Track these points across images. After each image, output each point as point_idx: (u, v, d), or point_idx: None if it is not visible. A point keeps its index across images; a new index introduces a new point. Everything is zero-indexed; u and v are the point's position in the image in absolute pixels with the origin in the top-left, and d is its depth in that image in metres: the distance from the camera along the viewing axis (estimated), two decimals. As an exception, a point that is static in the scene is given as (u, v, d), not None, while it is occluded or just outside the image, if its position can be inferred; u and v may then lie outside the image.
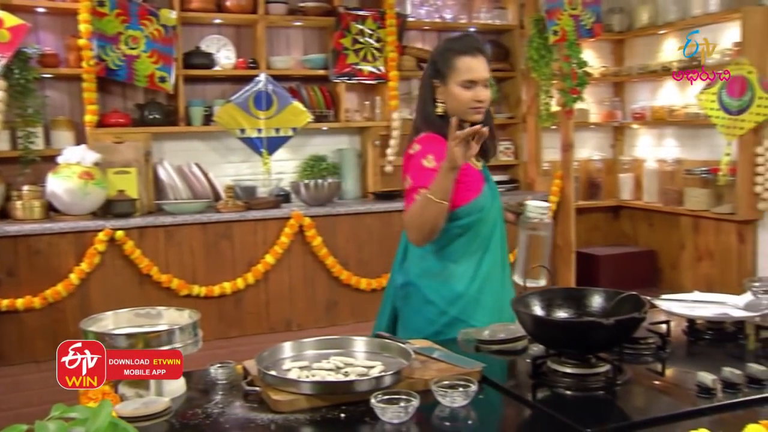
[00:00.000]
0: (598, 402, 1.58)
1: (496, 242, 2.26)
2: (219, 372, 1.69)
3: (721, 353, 1.93)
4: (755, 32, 4.63)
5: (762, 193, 4.70)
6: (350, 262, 4.50)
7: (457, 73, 2.20)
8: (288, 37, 5.00)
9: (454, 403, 1.54)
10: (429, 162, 2.15)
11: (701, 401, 1.54)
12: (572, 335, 1.62)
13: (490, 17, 5.44)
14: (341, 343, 1.79)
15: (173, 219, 4.11)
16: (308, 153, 5.00)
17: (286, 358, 1.74)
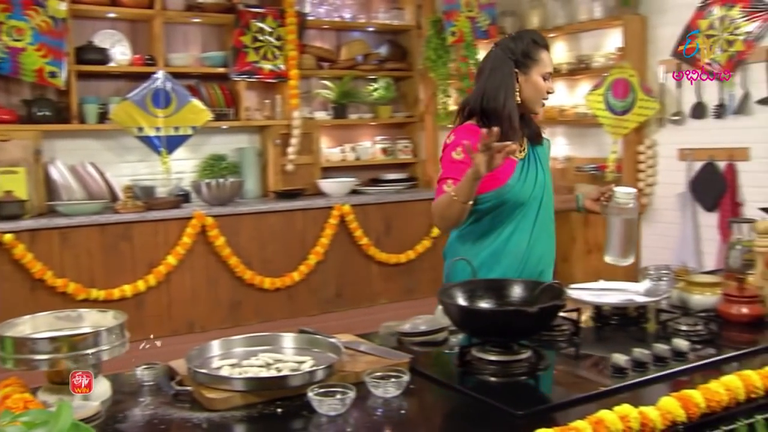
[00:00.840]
0: (524, 386, 1.65)
1: (527, 218, 2.36)
2: (146, 373, 1.64)
3: (627, 336, 2.05)
4: (635, 39, 4.93)
5: (645, 189, 5.01)
6: (253, 262, 4.46)
7: (540, 65, 2.31)
8: (186, 33, 4.88)
9: (387, 393, 1.56)
10: (458, 154, 2.24)
11: (616, 380, 1.64)
12: (499, 323, 1.68)
13: (388, 17, 5.52)
14: (269, 340, 1.78)
15: (68, 220, 3.94)
16: (208, 152, 4.90)
17: (214, 356, 1.72)
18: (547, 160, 2.49)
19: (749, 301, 2.09)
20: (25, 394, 1.43)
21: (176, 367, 1.68)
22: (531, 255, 2.39)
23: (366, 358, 1.75)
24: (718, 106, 4.46)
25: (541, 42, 2.35)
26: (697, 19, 4.50)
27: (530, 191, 2.36)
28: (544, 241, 2.44)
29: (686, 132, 4.72)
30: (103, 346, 1.46)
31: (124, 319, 1.54)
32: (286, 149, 4.92)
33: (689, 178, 4.66)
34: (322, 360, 1.68)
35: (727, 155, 4.43)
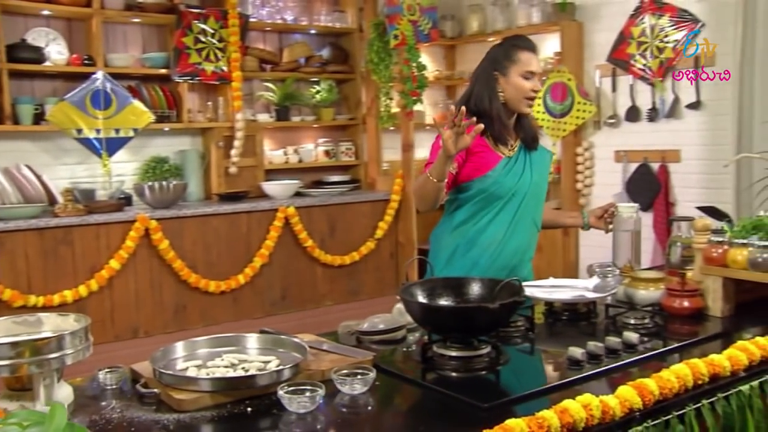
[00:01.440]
0: (486, 380, 1.70)
1: (506, 212, 2.50)
2: (108, 377, 1.63)
3: (578, 331, 2.13)
4: (572, 44, 5.10)
5: (582, 189, 5.18)
6: (198, 265, 4.41)
7: (519, 65, 2.44)
8: (125, 33, 4.79)
9: (354, 390, 1.59)
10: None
11: (573, 372, 1.71)
12: (460, 320, 1.73)
13: (330, 20, 5.54)
14: (233, 341, 1.78)
15: (4, 225, 3.81)
16: (149, 154, 4.82)
17: (178, 357, 1.71)
18: (543, 168, 2.61)
19: (690, 294, 2.19)
20: (-15, 401, 1.40)
21: (139, 369, 1.67)
22: (505, 248, 2.52)
23: (330, 356, 1.77)
24: (651, 110, 4.65)
25: (521, 44, 2.49)
26: (630, 26, 4.69)
27: (511, 187, 2.49)
28: (521, 236, 2.56)
29: (621, 134, 4.91)
30: (67, 350, 1.44)
31: (88, 322, 1.52)
32: (229, 152, 4.88)
33: (625, 179, 4.84)
34: (287, 359, 1.69)
35: (660, 157, 4.63)
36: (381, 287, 5.28)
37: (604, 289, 2.28)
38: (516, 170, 2.51)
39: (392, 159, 5.82)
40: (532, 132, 2.58)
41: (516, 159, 2.53)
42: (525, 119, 2.55)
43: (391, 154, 5.82)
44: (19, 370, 1.40)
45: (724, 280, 2.16)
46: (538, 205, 2.60)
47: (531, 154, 2.56)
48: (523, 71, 2.44)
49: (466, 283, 1.97)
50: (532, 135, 2.58)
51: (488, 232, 2.50)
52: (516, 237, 2.53)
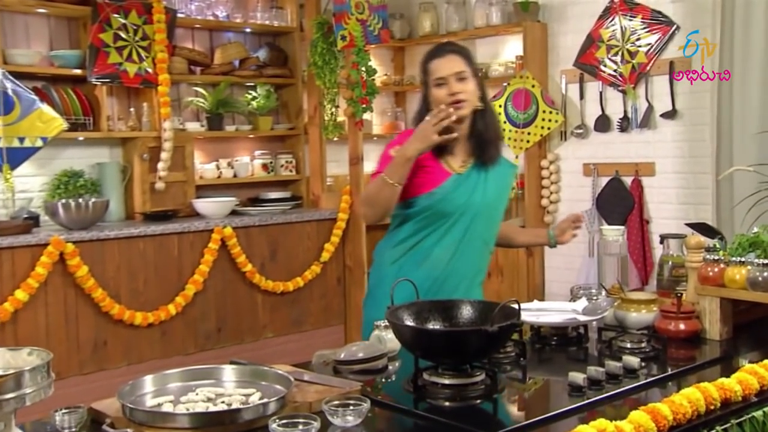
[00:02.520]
0: (484, 409, 1.80)
1: (453, 233, 2.61)
2: (66, 419, 1.64)
3: (569, 356, 2.25)
4: (535, 47, 5.31)
5: (548, 206, 5.37)
6: (122, 294, 4.38)
7: (430, 76, 2.61)
8: (28, 26, 4.73)
9: (346, 423, 1.66)
10: (395, 152, 2.56)
11: (575, 399, 1.82)
12: (455, 344, 1.82)
13: (267, 18, 5.61)
14: (208, 373, 1.83)
15: None
16: (59, 168, 4.77)
17: (147, 393, 1.75)
18: (501, 185, 2.71)
19: (686, 317, 2.35)
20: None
21: (101, 408, 1.69)
22: (453, 270, 2.63)
23: (314, 387, 1.84)
24: (623, 119, 4.88)
25: (430, 53, 2.64)
26: (599, 28, 4.93)
27: (459, 205, 2.60)
28: (469, 258, 2.67)
29: (590, 146, 5.13)
30: (26, 389, 1.45)
31: (49, 357, 1.54)
32: (154, 165, 4.87)
33: (595, 194, 5.06)
34: (269, 392, 1.75)
35: (633, 170, 4.86)
36: (327, 316, 5.34)
37: (594, 311, 2.41)
38: (466, 188, 2.61)
39: (337, 173, 5.90)
40: (489, 146, 2.65)
41: (468, 176, 2.63)
42: (481, 132, 2.62)
43: (336, 168, 5.91)
44: (-25, 411, 1.41)
45: (721, 301, 2.32)
46: (490, 225, 2.70)
47: (488, 169, 2.65)
48: (433, 81, 2.59)
49: (455, 305, 2.07)
50: (489, 150, 2.65)
51: (434, 252, 2.61)
52: (464, 258, 2.64)
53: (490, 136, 2.65)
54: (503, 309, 1.90)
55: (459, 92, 2.55)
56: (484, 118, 2.64)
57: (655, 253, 4.72)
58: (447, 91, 2.55)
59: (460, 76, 2.56)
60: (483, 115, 2.64)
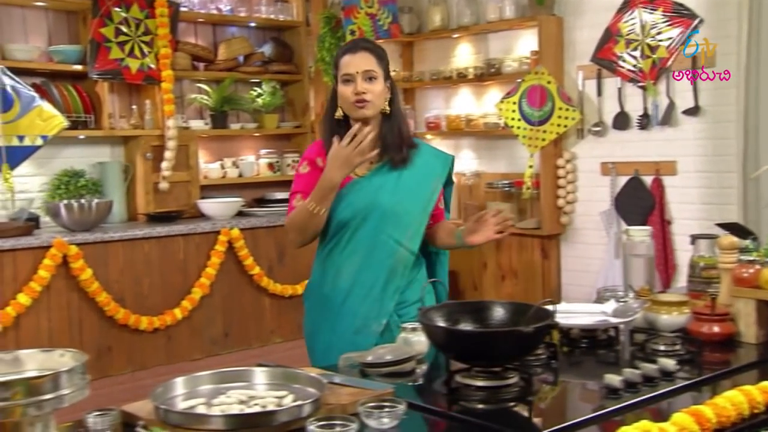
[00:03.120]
0: (520, 411, 1.84)
1: (356, 242, 2.63)
2: (98, 421, 1.68)
3: (599, 359, 2.30)
4: (551, 42, 5.35)
5: (564, 207, 5.42)
6: (126, 298, 4.42)
7: (340, 71, 2.61)
8: (25, 19, 4.78)
9: (382, 425, 1.70)
10: (303, 168, 2.67)
11: (611, 402, 1.86)
12: (490, 345, 1.87)
13: (272, 11, 5.66)
14: (239, 376, 1.87)
15: None
16: (59, 167, 4.81)
17: (178, 395, 1.79)
18: (419, 183, 2.68)
19: (720, 319, 2.39)
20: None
21: (133, 411, 1.73)
22: (360, 279, 2.64)
23: (346, 390, 1.88)
24: (642, 117, 4.92)
25: (344, 48, 2.66)
26: (618, 22, 4.97)
27: (356, 210, 2.62)
28: (380, 265, 2.64)
29: (608, 144, 5.17)
30: (64, 390, 1.49)
31: (85, 358, 1.58)
32: (158, 164, 4.92)
33: (613, 194, 5.10)
34: (301, 394, 1.79)
35: (654, 169, 4.90)
36: (335, 322, 5.37)
37: (625, 313, 2.45)
38: (367, 190, 2.62)
39: (344, 173, 5.94)
40: (393, 150, 2.63)
41: (370, 177, 2.63)
42: (385, 135, 2.62)
43: (343, 167, 5.95)
44: (12, 413, 1.44)
45: (757, 303, 2.36)
46: (404, 225, 2.65)
47: (404, 169, 2.65)
48: (341, 76, 2.59)
49: (486, 307, 2.11)
50: (392, 153, 2.63)
51: (342, 262, 2.64)
52: (373, 265, 2.63)
53: (394, 140, 2.63)
54: (538, 311, 1.95)
55: (364, 92, 2.55)
56: (390, 121, 2.64)
57: (677, 255, 4.77)
58: (353, 89, 2.56)
59: (368, 75, 2.57)
60: (389, 119, 2.64)
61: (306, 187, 2.60)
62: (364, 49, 2.61)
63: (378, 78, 2.58)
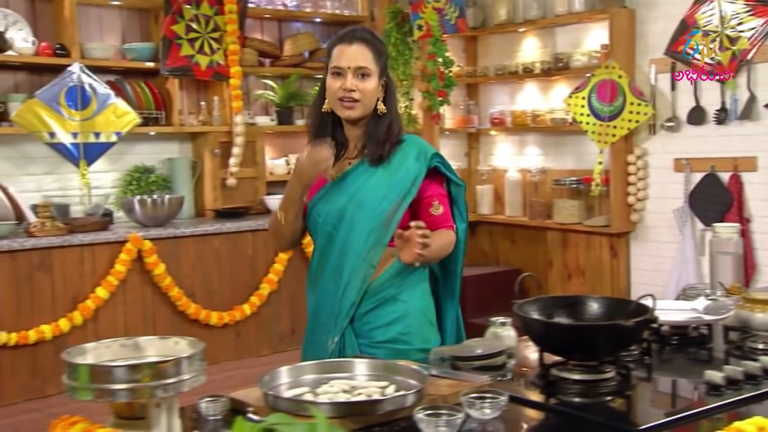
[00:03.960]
0: (618, 405, 1.88)
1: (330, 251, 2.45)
2: (211, 406, 1.77)
3: (691, 357, 2.32)
4: (622, 35, 5.34)
5: (635, 204, 5.40)
6: (197, 293, 4.54)
7: (330, 62, 2.44)
8: (101, 18, 4.93)
9: (484, 415, 1.76)
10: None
11: (712, 399, 1.89)
12: (589, 339, 1.91)
13: (337, 7, 5.74)
14: (341, 367, 1.95)
15: (-28, 247, 3.91)
16: (130, 163, 4.95)
17: (282, 384, 1.87)
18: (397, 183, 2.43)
19: (815, 317, 2.39)
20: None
21: (241, 397, 1.82)
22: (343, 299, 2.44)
23: (444, 381, 1.94)
24: (720, 111, 4.89)
25: (340, 36, 2.45)
26: (694, 13, 4.94)
27: (326, 214, 2.44)
28: (337, 284, 2.45)
29: (682, 140, 5.14)
30: (185, 375, 1.58)
31: (202, 345, 1.66)
32: (226, 160, 5.03)
33: (687, 191, 5.07)
34: (402, 385, 1.85)
35: (732, 165, 4.86)
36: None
37: (718, 310, 2.47)
38: (337, 195, 2.42)
39: (407, 169, 6.00)
40: (377, 145, 2.43)
41: (341, 181, 2.42)
42: (371, 132, 2.43)
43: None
44: (139, 394, 1.54)
45: None
46: (364, 234, 2.40)
47: (379, 167, 2.43)
48: (331, 68, 2.42)
49: (579, 301, 2.16)
50: (374, 149, 2.43)
51: (320, 267, 2.49)
52: (337, 274, 2.44)
53: (380, 136, 2.42)
54: (637, 306, 1.98)
55: (353, 89, 2.36)
56: (382, 123, 2.44)
57: (757, 254, 4.73)
58: (341, 84, 2.37)
59: (361, 72, 2.38)
60: (381, 119, 2.44)
61: None
62: (362, 40, 2.40)
63: (372, 76, 2.39)
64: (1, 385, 3.97)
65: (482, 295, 6.01)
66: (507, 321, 2.38)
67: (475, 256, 6.62)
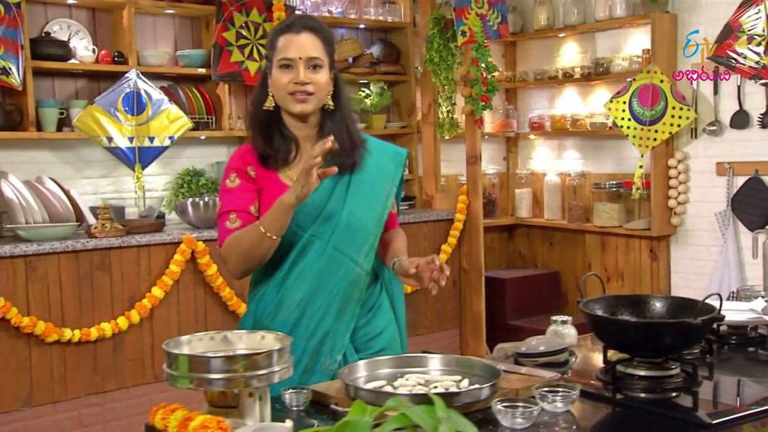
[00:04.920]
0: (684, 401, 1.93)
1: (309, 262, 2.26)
2: (294, 397, 1.85)
3: (750, 356, 2.36)
4: (664, 40, 5.37)
5: (675, 207, 5.42)
6: (244, 294, 4.58)
7: (276, 54, 2.24)
8: (155, 26, 5.04)
9: (556, 408, 1.82)
10: (232, 181, 2.29)
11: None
12: (657, 336, 1.96)
13: (381, 13, 5.81)
14: (415, 362, 2.02)
15: (37, 247, 4.02)
16: (181, 167, 5.05)
17: (360, 377, 1.94)
18: (372, 189, 2.33)
19: None
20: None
21: (321, 389, 1.89)
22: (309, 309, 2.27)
23: (515, 376, 1.99)
24: (764, 115, 4.90)
25: (284, 25, 2.27)
26: (739, 17, 4.95)
27: (303, 225, 2.25)
28: (334, 289, 2.27)
29: (724, 144, 5.16)
30: (275, 367, 1.65)
31: (290, 340, 1.73)
32: (273, 163, 5.11)
33: (729, 195, 5.08)
34: (475, 379, 1.92)
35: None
36: (441, 320, 5.50)
37: (777, 311, 2.51)
38: (313, 202, 2.21)
39: (447, 173, 6.07)
40: (341, 154, 2.23)
41: (317, 187, 2.13)
42: (334, 130, 2.23)
43: (446, 168, 6.07)
44: (236, 384, 1.61)
45: None
46: (360, 240, 2.29)
47: (353, 173, 2.30)
48: (278, 60, 2.22)
49: (642, 300, 2.21)
50: (340, 158, 2.23)
51: (295, 288, 2.25)
52: (326, 290, 2.26)
53: (342, 141, 2.23)
54: (703, 305, 2.03)
55: (308, 82, 2.20)
56: (334, 119, 2.29)
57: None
58: (293, 77, 2.20)
59: (313, 63, 2.21)
60: (332, 116, 2.29)
61: (239, 203, 2.24)
62: (310, 29, 2.24)
63: (324, 67, 2.23)
64: (65, 380, 4.07)
65: (521, 297, 6.06)
66: (568, 319, 2.44)
67: (514, 258, 6.67)
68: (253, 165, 2.28)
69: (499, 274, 6.15)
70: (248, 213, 2.25)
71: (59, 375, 4.07)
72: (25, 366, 3.98)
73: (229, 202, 2.26)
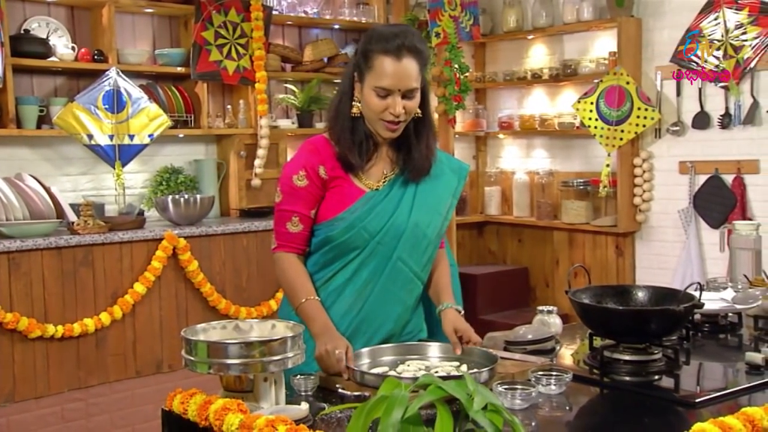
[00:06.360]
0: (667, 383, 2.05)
1: (370, 266, 2.23)
2: (302, 383, 1.92)
3: (722, 343, 2.49)
4: (629, 43, 5.51)
5: (640, 205, 5.58)
6: (227, 290, 4.67)
7: (373, 76, 2.15)
8: (134, 25, 5.06)
9: (550, 390, 1.92)
10: (300, 179, 2.22)
11: (754, 377, 2.05)
12: (642, 323, 2.07)
13: (355, 14, 5.88)
14: (416, 349, 2.12)
15: (20, 243, 4.03)
16: (159, 164, 5.08)
17: (364, 363, 2.02)
18: (436, 201, 2.31)
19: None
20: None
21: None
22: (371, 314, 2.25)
23: (509, 362, 2.09)
24: (724, 116, 5.07)
25: (383, 44, 2.14)
26: (699, 22, 5.12)
27: (373, 231, 2.21)
28: (394, 298, 2.27)
29: (687, 143, 5.32)
30: (289, 354, 1.72)
31: (302, 329, 1.80)
32: (250, 162, 5.16)
33: (691, 193, 5.25)
34: (474, 365, 2.01)
35: (735, 168, 5.04)
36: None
37: (747, 300, 2.63)
38: (385, 208, 2.21)
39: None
40: (419, 160, 2.25)
41: (387, 192, 2.22)
42: (410, 142, 2.24)
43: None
44: (252, 369, 1.68)
45: None
46: (421, 251, 2.28)
47: (418, 181, 2.27)
48: (375, 84, 2.14)
49: (626, 290, 2.32)
50: (417, 163, 2.25)
51: (346, 292, 2.23)
52: (386, 297, 2.24)
53: (422, 149, 2.25)
54: (685, 294, 2.14)
55: (400, 114, 2.14)
56: (419, 125, 2.26)
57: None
58: (386, 106, 2.13)
59: (410, 94, 2.16)
60: (418, 122, 2.26)
61: (303, 206, 2.21)
62: (412, 53, 2.15)
63: (418, 89, 2.18)
64: (48, 376, 4.09)
65: (492, 292, 6.17)
66: (553, 309, 2.55)
67: (484, 255, 6.78)
68: (327, 165, 2.21)
69: (470, 270, 6.25)
70: (309, 217, 2.23)
71: (42, 370, 4.09)
72: (8, 362, 3.99)
73: (294, 202, 2.22)
